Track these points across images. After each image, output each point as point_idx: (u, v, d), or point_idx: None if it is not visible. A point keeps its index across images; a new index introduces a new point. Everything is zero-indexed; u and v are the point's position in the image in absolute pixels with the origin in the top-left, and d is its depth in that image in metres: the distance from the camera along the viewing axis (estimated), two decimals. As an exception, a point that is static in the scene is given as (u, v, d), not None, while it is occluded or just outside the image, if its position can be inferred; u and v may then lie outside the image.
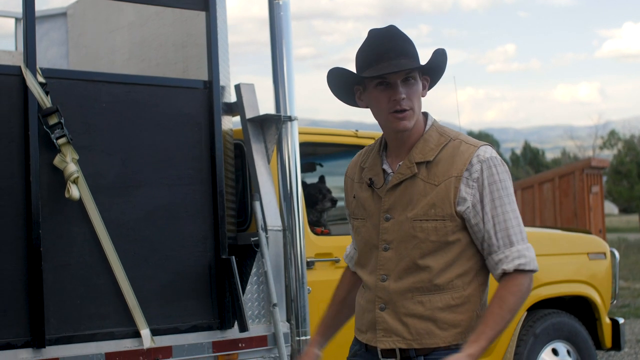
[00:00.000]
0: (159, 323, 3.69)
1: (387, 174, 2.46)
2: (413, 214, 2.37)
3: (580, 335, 5.44)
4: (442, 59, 2.44)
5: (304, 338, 4.05)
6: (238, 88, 4.22)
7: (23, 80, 3.45)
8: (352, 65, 2.48)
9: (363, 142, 4.74)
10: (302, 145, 4.33)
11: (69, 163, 3.46)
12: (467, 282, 2.38)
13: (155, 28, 4.79)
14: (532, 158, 69.10)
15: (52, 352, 3.41)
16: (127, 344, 3.59)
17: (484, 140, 2.49)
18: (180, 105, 3.86)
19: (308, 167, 5.26)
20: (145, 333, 3.60)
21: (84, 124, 3.61)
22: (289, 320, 4.06)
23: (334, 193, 4.82)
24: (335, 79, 2.49)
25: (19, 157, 3.43)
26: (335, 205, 4.80)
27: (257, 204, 4.06)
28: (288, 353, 3.98)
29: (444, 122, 2.73)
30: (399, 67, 2.33)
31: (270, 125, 4.17)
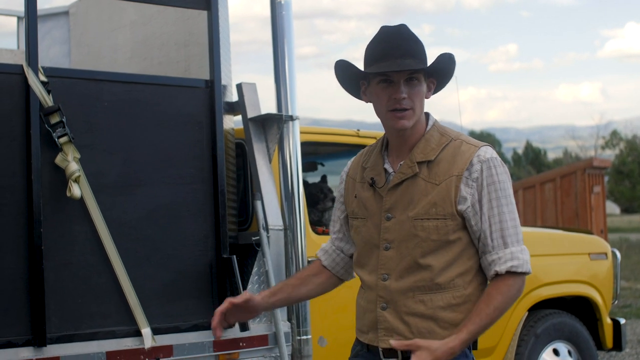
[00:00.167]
0: (160, 322, 3.69)
1: (388, 174, 2.47)
2: (414, 213, 2.37)
3: (582, 336, 5.44)
4: (449, 63, 2.44)
5: (305, 337, 4.05)
6: (240, 87, 4.22)
7: (25, 79, 3.45)
8: (357, 62, 2.50)
9: (364, 141, 4.74)
10: (303, 145, 4.33)
11: (71, 162, 3.46)
12: (467, 281, 2.39)
13: (158, 27, 4.79)
14: (533, 158, 69.09)
15: (53, 350, 3.41)
16: (128, 343, 3.59)
17: (486, 140, 2.50)
18: (182, 104, 3.86)
19: (309, 166, 5.26)
20: (146, 332, 3.61)
21: (86, 123, 3.61)
22: (290, 320, 4.06)
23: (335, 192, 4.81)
24: (342, 72, 2.51)
25: (21, 155, 3.43)
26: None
27: (258, 203, 4.06)
28: (289, 352, 3.98)
29: (446, 121, 2.73)
30: (402, 66, 2.34)
31: (272, 125, 4.17)
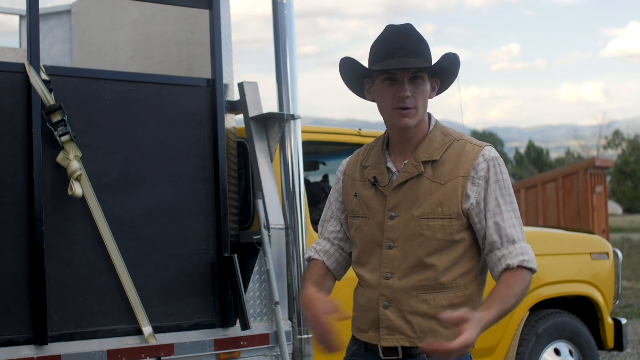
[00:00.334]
0: (161, 321, 3.69)
1: (391, 173, 2.47)
2: (420, 213, 2.38)
3: (583, 336, 5.44)
4: (453, 64, 2.45)
5: (306, 336, 4.05)
6: (241, 86, 4.22)
7: (27, 78, 3.46)
8: (359, 61, 2.49)
9: (366, 141, 4.72)
10: (305, 144, 4.33)
11: (72, 161, 3.47)
12: (469, 281, 2.41)
13: (159, 26, 4.79)
14: (536, 158, 69.05)
15: (54, 349, 3.42)
16: (129, 342, 3.59)
17: (489, 140, 2.51)
18: (184, 104, 3.86)
19: (311, 165, 5.25)
20: (148, 331, 3.61)
21: (88, 122, 3.61)
22: (291, 319, 4.06)
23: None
24: (347, 70, 2.51)
25: (23, 154, 3.44)
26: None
27: (259, 203, 4.07)
28: (290, 351, 3.98)
29: (448, 121, 2.74)
30: (407, 65, 2.34)
31: (274, 124, 4.18)
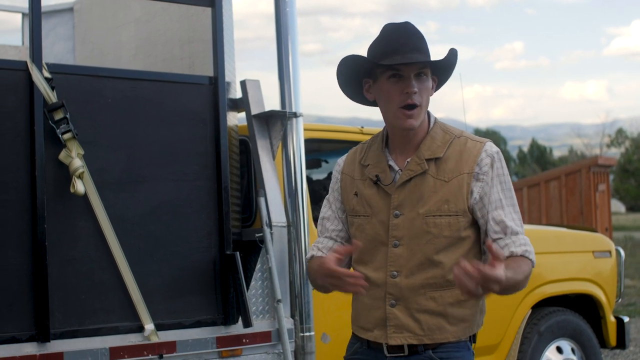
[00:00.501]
0: (163, 318, 3.69)
1: (394, 171, 2.47)
2: (425, 210, 2.39)
3: (585, 334, 5.43)
4: (454, 59, 2.48)
5: (308, 334, 4.05)
6: (244, 84, 4.22)
7: (29, 76, 3.46)
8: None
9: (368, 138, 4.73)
10: (307, 142, 4.33)
11: (74, 158, 3.47)
12: None
13: (162, 24, 4.80)
14: (539, 156, 68.98)
15: (56, 346, 3.42)
16: (131, 339, 3.60)
17: (491, 138, 2.52)
18: (186, 101, 3.87)
19: (313, 163, 5.25)
20: (150, 328, 3.62)
21: (90, 120, 3.61)
22: (293, 316, 4.06)
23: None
24: (347, 67, 2.48)
25: (25, 152, 3.44)
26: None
27: (261, 200, 4.07)
28: (292, 349, 3.99)
29: (451, 119, 2.74)
30: (417, 59, 2.34)
31: (276, 122, 4.18)
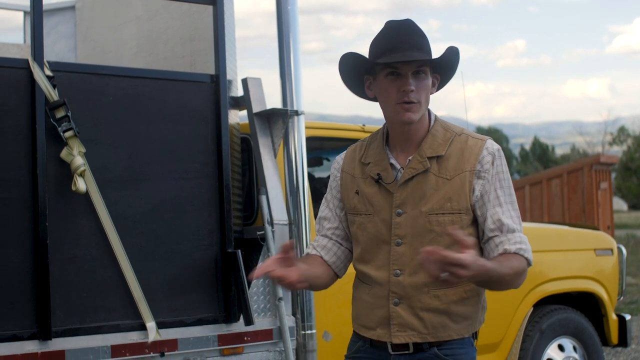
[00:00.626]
0: (165, 316, 3.70)
1: (395, 169, 2.46)
2: (428, 208, 2.38)
3: (587, 331, 5.43)
4: (454, 58, 2.46)
5: (310, 332, 4.05)
6: (245, 82, 4.22)
7: (30, 73, 3.46)
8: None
9: (370, 136, 4.73)
10: (308, 140, 4.33)
11: (76, 156, 3.47)
12: None
13: (163, 22, 4.79)
14: (541, 154, 68.96)
15: (58, 344, 3.42)
16: (132, 337, 3.60)
17: (493, 136, 2.52)
18: (187, 99, 3.87)
19: (315, 161, 5.25)
20: (151, 326, 3.62)
21: (91, 118, 3.61)
22: (295, 314, 4.06)
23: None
24: (347, 65, 2.49)
25: (26, 150, 3.44)
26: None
27: (263, 198, 4.07)
28: (293, 347, 3.99)
29: (452, 117, 2.74)
30: (412, 57, 2.34)
31: (277, 120, 4.17)
